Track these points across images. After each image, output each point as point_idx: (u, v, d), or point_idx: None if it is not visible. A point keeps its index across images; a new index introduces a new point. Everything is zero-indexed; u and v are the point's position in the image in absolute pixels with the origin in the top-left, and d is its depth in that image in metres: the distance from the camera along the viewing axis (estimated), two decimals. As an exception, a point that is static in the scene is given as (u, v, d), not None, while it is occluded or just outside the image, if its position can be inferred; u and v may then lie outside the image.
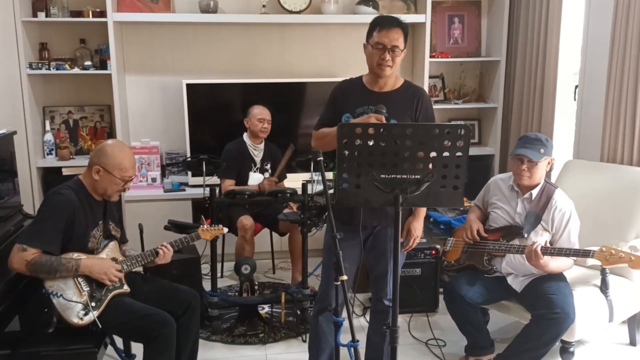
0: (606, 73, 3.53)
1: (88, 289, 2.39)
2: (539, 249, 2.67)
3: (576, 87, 4.03)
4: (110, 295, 2.43)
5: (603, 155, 3.56)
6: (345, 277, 2.03)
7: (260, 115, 3.97)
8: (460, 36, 4.86)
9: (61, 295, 2.32)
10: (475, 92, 5.00)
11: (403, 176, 2.03)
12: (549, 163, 2.92)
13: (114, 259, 2.54)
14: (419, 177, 2.03)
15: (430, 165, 2.01)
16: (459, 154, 2.00)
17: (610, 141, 3.50)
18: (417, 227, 2.62)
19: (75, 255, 2.41)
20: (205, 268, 4.04)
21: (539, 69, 4.18)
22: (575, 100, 4.05)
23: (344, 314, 2.09)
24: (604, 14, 3.58)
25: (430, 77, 4.69)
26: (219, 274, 4.06)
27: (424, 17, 4.49)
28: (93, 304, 2.36)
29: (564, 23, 4.00)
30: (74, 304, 2.33)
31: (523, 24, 4.38)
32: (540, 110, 4.18)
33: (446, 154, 1.99)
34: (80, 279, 2.39)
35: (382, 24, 2.48)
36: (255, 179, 4.04)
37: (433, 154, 2.00)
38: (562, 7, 3.96)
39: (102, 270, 2.42)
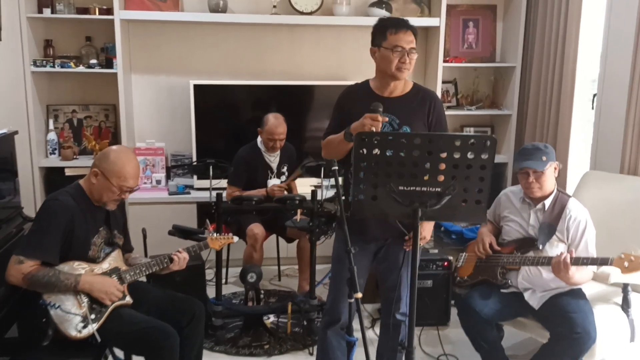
0: (628, 81, 3.40)
1: (87, 300, 2.28)
2: (568, 259, 2.55)
3: (594, 95, 3.91)
4: (111, 307, 2.32)
5: (623, 167, 3.43)
6: (359, 295, 1.92)
7: (271, 134, 3.78)
8: (474, 41, 4.75)
9: (59, 306, 2.20)
10: (489, 98, 4.88)
11: (422, 188, 1.93)
12: (555, 168, 2.83)
13: (117, 269, 2.43)
14: (439, 189, 1.92)
15: (452, 178, 1.90)
16: (483, 166, 1.89)
17: (631, 152, 3.38)
18: (426, 227, 2.52)
19: (76, 264, 2.31)
20: (209, 273, 3.94)
21: (556, 76, 4.06)
22: (593, 109, 3.93)
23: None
24: (627, 18, 3.45)
25: (443, 82, 4.58)
26: (223, 280, 3.97)
27: (438, 21, 4.38)
28: (92, 317, 2.25)
29: (583, 28, 3.89)
30: (72, 316, 2.22)
31: (540, 29, 4.26)
32: (557, 118, 4.06)
33: (469, 166, 1.88)
34: None
35: (396, 26, 2.36)
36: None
37: (455, 166, 1.89)
38: (582, 12, 3.85)
39: (103, 289, 2.30)
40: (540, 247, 2.75)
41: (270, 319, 3.53)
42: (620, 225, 3.06)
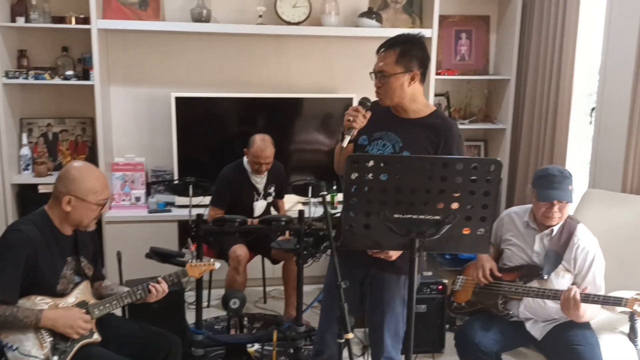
0: (630, 94, 3.25)
1: (51, 339, 2.06)
2: (578, 296, 2.38)
3: (592, 109, 3.77)
4: (77, 347, 2.10)
5: (625, 185, 3.28)
6: (350, 336, 1.73)
7: (256, 157, 3.58)
8: (467, 52, 4.61)
9: (17, 348, 1.98)
10: (482, 112, 4.74)
11: (420, 216, 1.75)
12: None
13: (84, 303, 2.22)
14: (438, 218, 1.74)
15: (453, 205, 1.72)
16: (486, 192, 1.72)
17: (634, 170, 3.23)
18: None
19: (39, 299, 2.09)
20: (190, 295, 3.73)
21: (552, 89, 3.92)
22: (591, 123, 3.79)
23: None
24: (627, 28, 3.31)
25: (435, 95, 4.42)
26: (204, 303, 3.76)
27: (430, 32, 4.22)
28: (55, 358, 2.03)
29: (580, 39, 3.75)
30: (32, 359, 2.00)
31: (535, 40, 4.12)
32: (553, 133, 3.92)
33: (472, 192, 1.71)
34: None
35: (379, 47, 2.22)
36: (260, 207, 3.73)
37: (456, 192, 1.72)
38: (579, 22, 3.72)
39: (68, 322, 2.09)
40: (545, 277, 2.57)
41: (254, 347, 3.32)
42: (627, 249, 2.89)
